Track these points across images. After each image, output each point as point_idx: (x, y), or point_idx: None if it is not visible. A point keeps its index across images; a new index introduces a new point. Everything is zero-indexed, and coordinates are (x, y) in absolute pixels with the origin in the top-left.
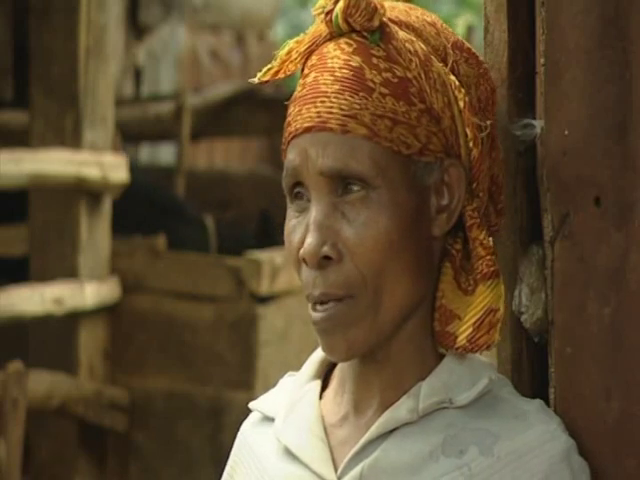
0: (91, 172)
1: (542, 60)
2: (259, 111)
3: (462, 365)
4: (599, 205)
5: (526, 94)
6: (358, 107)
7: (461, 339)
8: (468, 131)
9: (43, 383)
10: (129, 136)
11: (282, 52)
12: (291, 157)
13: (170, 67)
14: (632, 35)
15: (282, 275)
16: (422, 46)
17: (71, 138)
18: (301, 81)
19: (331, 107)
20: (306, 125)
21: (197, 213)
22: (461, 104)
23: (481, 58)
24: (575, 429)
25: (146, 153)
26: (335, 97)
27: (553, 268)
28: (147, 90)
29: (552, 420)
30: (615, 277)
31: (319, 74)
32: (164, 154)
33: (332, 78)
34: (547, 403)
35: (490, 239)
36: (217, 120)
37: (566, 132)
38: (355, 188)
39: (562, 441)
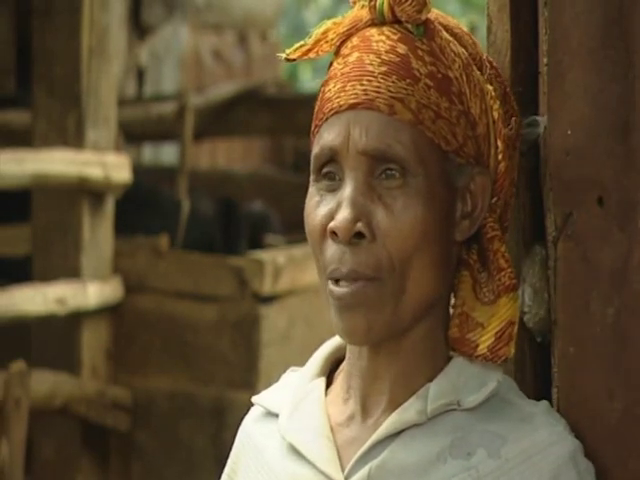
0: (93, 172)
1: (545, 60)
2: (262, 111)
3: (470, 367)
4: (602, 205)
5: (529, 94)
6: (405, 92)
7: (482, 347)
8: (499, 143)
9: (46, 383)
10: (132, 136)
11: (318, 31)
12: (330, 135)
13: (173, 67)
14: (635, 35)
15: (285, 275)
16: (463, 50)
17: (73, 138)
18: (340, 60)
19: (379, 87)
20: (352, 101)
21: (172, 197)
22: (495, 115)
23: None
24: (578, 429)
25: (149, 153)
26: (383, 78)
27: (556, 268)
28: (150, 90)
29: (558, 422)
30: (618, 277)
31: (364, 54)
32: (166, 154)
33: (379, 60)
34: (550, 403)
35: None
36: (220, 120)
37: (569, 132)
38: (395, 174)
39: (569, 443)
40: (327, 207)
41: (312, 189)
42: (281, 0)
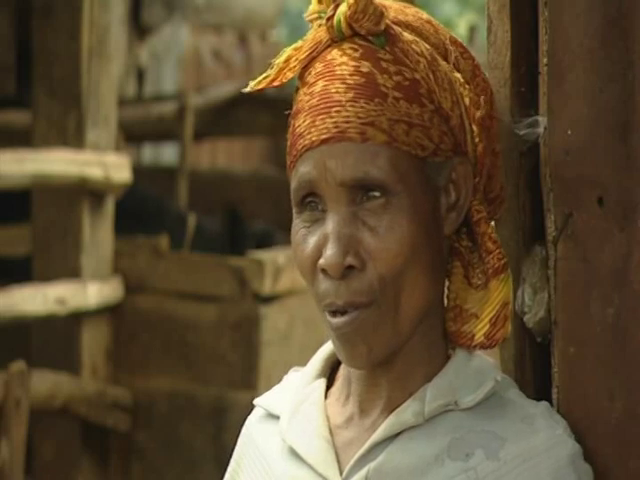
0: (94, 172)
1: (545, 60)
2: (262, 111)
3: (468, 367)
4: (602, 205)
5: (529, 94)
6: (375, 114)
7: (479, 336)
8: (474, 127)
9: (46, 383)
10: (132, 136)
11: (280, 60)
12: (305, 170)
13: (173, 67)
14: (635, 35)
15: (285, 275)
16: (426, 46)
17: (74, 138)
18: (305, 90)
19: (348, 116)
20: (323, 137)
21: (179, 210)
22: (467, 100)
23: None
24: (578, 429)
25: (149, 153)
26: (351, 105)
27: (556, 268)
28: (150, 90)
29: (558, 424)
30: (618, 277)
31: (329, 82)
32: (167, 154)
33: (344, 86)
34: (550, 403)
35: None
36: (220, 120)
37: (569, 132)
38: (375, 194)
39: (568, 446)
40: (314, 240)
41: (296, 222)
42: (281, 0)
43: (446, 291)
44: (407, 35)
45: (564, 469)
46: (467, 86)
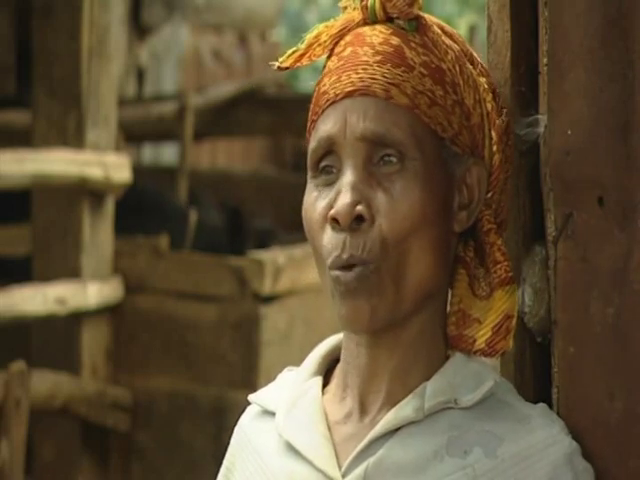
0: (94, 172)
1: (545, 60)
2: (262, 111)
3: (467, 367)
4: (602, 205)
5: (529, 94)
6: (401, 78)
7: (480, 342)
8: (494, 134)
9: (46, 383)
10: (132, 136)
11: (310, 35)
12: (326, 126)
13: (173, 67)
14: (635, 35)
15: (285, 275)
16: (455, 45)
17: (74, 138)
18: (333, 58)
19: (374, 74)
20: (348, 90)
21: (181, 207)
22: (489, 106)
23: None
24: (578, 430)
25: (149, 153)
26: (378, 66)
27: (556, 268)
28: (150, 90)
29: (555, 424)
30: (618, 277)
31: (358, 47)
32: (167, 154)
33: (373, 51)
34: (550, 403)
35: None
36: (220, 120)
37: (569, 132)
38: (392, 160)
39: (565, 445)
40: (326, 199)
41: (310, 185)
42: (281, 0)
43: (449, 297)
44: (437, 29)
45: (561, 468)
46: (490, 94)
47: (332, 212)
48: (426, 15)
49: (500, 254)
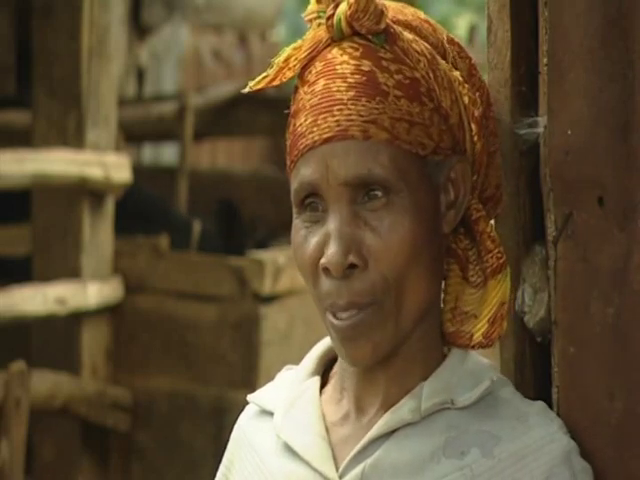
0: (94, 172)
1: (545, 60)
2: (262, 111)
3: (464, 366)
4: (602, 205)
5: (529, 94)
6: (377, 112)
7: (477, 336)
8: (473, 125)
9: (46, 383)
10: (132, 136)
11: (279, 59)
12: (307, 171)
13: (173, 67)
14: (635, 35)
15: (285, 275)
16: (426, 45)
17: (74, 138)
18: (306, 89)
19: (350, 114)
20: (325, 135)
21: (185, 217)
22: (465, 99)
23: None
24: (578, 429)
25: (149, 153)
26: (352, 104)
27: (556, 268)
28: (150, 90)
29: (553, 422)
30: (618, 277)
31: (330, 81)
32: (167, 154)
33: (346, 85)
34: (550, 403)
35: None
36: (220, 120)
37: (569, 132)
38: (377, 194)
39: (563, 443)
40: (315, 240)
41: (297, 222)
42: (281, 0)
43: (442, 294)
44: (407, 34)
45: (558, 467)
46: (466, 85)
47: (323, 261)
48: (392, 10)
49: (490, 242)
